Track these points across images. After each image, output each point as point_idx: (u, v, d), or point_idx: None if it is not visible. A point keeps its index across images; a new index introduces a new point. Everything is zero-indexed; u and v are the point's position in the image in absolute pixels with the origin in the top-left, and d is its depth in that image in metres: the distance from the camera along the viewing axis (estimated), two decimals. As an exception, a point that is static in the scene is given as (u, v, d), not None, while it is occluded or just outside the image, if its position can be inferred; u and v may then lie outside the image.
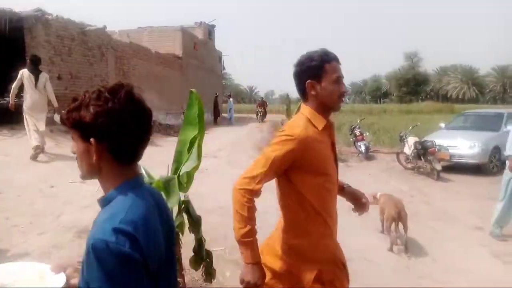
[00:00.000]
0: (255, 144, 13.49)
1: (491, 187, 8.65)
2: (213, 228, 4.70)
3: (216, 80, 29.22)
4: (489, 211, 6.65)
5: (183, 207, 3.01)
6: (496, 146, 10.13)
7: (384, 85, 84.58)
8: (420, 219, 6.18)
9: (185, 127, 3.07)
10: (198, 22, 25.50)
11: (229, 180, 7.81)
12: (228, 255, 4.16)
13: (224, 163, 9.50)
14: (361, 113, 36.10)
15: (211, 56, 27.47)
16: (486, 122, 11.41)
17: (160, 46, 20.33)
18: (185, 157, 2.97)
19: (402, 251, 4.68)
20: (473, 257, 4.61)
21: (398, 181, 9.31)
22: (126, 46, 14.98)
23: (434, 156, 9.37)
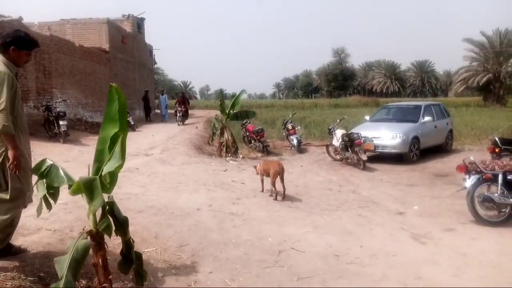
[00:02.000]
0: (190, 141, 13.28)
1: (411, 174, 9.34)
2: (144, 228, 4.57)
3: (148, 75, 28.30)
4: (410, 197, 7.19)
5: (108, 209, 2.86)
6: (416, 136, 10.91)
7: (315, 80, 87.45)
8: (349, 207, 6.49)
9: (106, 124, 2.90)
10: (126, 15, 24.46)
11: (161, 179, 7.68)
12: (160, 255, 4.04)
13: (157, 161, 9.23)
14: (294, 107, 37.10)
15: (141, 50, 26.54)
16: (406, 114, 12.23)
17: (85, 39, 19.25)
18: (107, 156, 2.81)
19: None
20: (396, 240, 4.92)
21: (328, 172, 9.69)
22: (46, 39, 13.93)
23: (360, 147, 9.87)
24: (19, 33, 3.29)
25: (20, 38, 3.24)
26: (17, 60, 3.25)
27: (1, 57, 3.18)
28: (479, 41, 43.70)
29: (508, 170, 5.63)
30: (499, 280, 3.79)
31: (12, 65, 3.21)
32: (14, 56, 3.22)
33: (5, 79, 3.04)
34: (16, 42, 3.20)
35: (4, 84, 3.02)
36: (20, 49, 3.22)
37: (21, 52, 3.24)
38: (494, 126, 15.97)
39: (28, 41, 3.28)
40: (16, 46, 3.19)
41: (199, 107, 39.85)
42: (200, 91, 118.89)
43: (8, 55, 3.20)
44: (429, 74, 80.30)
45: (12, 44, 3.18)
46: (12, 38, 3.20)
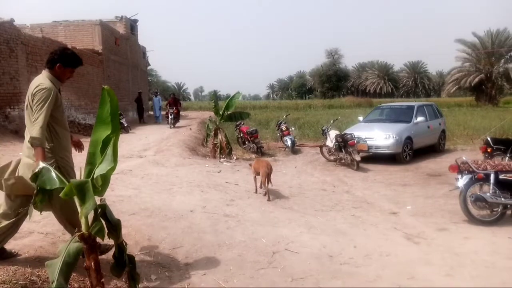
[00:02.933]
0: (184, 142, 13.24)
1: (404, 174, 9.39)
2: (137, 231, 4.54)
3: (141, 77, 28.22)
4: (403, 197, 7.22)
5: (100, 211, 2.84)
6: (409, 136, 10.97)
7: (309, 81, 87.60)
8: (343, 207, 6.51)
9: (98, 126, 2.89)
10: (119, 16, 24.40)
11: (154, 181, 7.64)
12: (153, 257, 4.02)
13: (150, 163, 9.19)
14: (288, 108, 37.17)
15: (134, 52, 26.47)
16: (399, 114, 12.30)
17: (78, 41, 19.19)
18: (98, 159, 2.80)
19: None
20: (390, 240, 4.93)
21: (322, 172, 9.71)
22: (38, 41, 13.85)
23: (353, 148, 9.91)
24: (66, 51, 3.45)
25: (66, 56, 3.40)
26: (61, 76, 3.42)
27: (47, 73, 3.37)
28: (471, 42, 44.11)
29: (500, 169, 5.68)
30: (492, 280, 3.81)
31: (56, 81, 3.38)
32: (59, 73, 3.39)
33: (50, 95, 3.20)
34: (63, 60, 3.37)
35: (48, 99, 3.18)
36: (65, 66, 3.38)
37: (66, 69, 3.40)
38: (486, 126, 16.12)
39: (74, 60, 3.44)
40: (62, 63, 3.36)
41: (193, 109, 39.83)
42: (194, 93, 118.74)
43: (54, 71, 3.37)
44: (422, 75, 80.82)
45: (58, 61, 3.35)
46: (59, 56, 3.37)
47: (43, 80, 3.30)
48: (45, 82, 3.26)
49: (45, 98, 3.17)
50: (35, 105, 3.15)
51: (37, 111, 3.14)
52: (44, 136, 3.15)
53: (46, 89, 3.21)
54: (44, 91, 3.19)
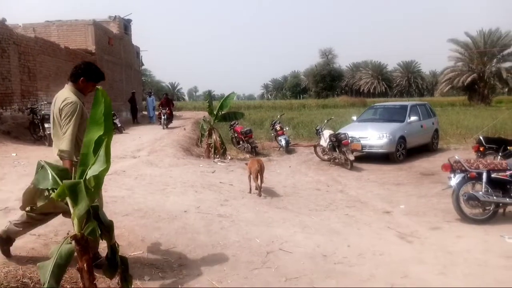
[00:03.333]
0: (178, 142, 13.20)
1: (398, 174, 9.44)
2: (130, 232, 4.52)
3: (135, 77, 28.12)
4: (396, 196, 7.26)
5: (92, 213, 2.83)
6: (402, 136, 11.02)
7: (303, 81, 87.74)
8: (337, 207, 6.52)
9: (91, 127, 2.87)
10: (113, 16, 24.29)
11: (148, 181, 7.61)
12: (146, 258, 4.00)
13: (144, 163, 9.15)
14: (282, 108, 37.21)
15: (128, 52, 26.37)
16: (392, 114, 12.36)
17: (71, 41, 19.09)
18: (91, 160, 2.78)
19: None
20: (383, 239, 4.95)
21: (316, 172, 9.73)
22: (31, 41, 13.75)
23: (347, 147, 9.94)
24: (90, 66, 3.55)
25: (90, 70, 3.50)
26: (84, 90, 3.52)
27: (70, 86, 3.47)
28: (464, 42, 44.44)
29: (492, 168, 5.72)
30: (484, 278, 3.84)
31: (80, 94, 3.48)
32: (82, 86, 3.49)
33: (76, 108, 3.30)
34: (86, 74, 3.48)
35: (75, 113, 3.29)
36: (88, 80, 3.48)
37: (89, 83, 3.50)
38: (479, 125, 16.24)
39: (97, 74, 3.55)
40: (85, 77, 3.47)
41: (187, 109, 39.74)
42: (188, 93, 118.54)
43: (78, 84, 3.47)
44: (415, 74, 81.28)
45: (82, 75, 3.46)
46: (83, 70, 3.48)
47: (68, 94, 3.39)
48: (70, 96, 3.35)
49: (72, 112, 3.27)
50: (63, 119, 3.27)
51: (65, 125, 3.26)
52: (72, 149, 3.24)
53: (73, 103, 3.30)
54: (71, 105, 3.28)
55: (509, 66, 42.66)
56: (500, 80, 42.27)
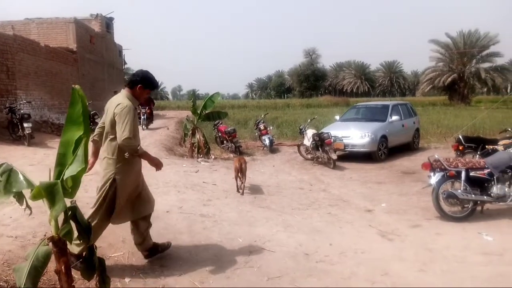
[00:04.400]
0: (161, 142, 13.09)
1: (379, 172, 9.55)
2: (110, 233, 4.45)
3: (117, 76, 27.77)
4: (378, 195, 7.34)
5: (70, 214, 2.78)
6: (384, 135, 11.16)
7: (287, 80, 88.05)
8: (319, 206, 6.56)
9: (68, 127, 2.83)
10: (94, 14, 23.94)
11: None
12: (127, 260, 3.96)
13: (126, 163, 9.04)
14: (266, 108, 37.24)
15: (110, 50, 26.02)
16: (374, 113, 12.50)
17: (52, 39, 18.74)
18: (69, 160, 2.73)
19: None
20: (365, 237, 5.00)
21: (300, 171, 9.78)
22: (9, 38, 13.43)
23: (330, 147, 10.01)
24: (148, 75, 3.77)
25: (147, 79, 3.73)
26: (139, 96, 3.75)
27: (126, 92, 3.71)
28: (445, 42, 45.24)
29: (471, 167, 5.83)
30: (462, 275, 3.91)
31: (134, 100, 3.69)
32: (139, 93, 3.72)
33: (129, 111, 3.51)
34: (144, 82, 3.71)
35: (128, 115, 3.48)
36: (145, 88, 3.71)
37: (144, 90, 3.73)
38: (459, 124, 16.55)
39: (153, 83, 3.79)
40: (143, 85, 3.70)
41: (171, 108, 39.40)
42: (172, 92, 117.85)
43: (134, 91, 3.71)
44: (397, 74, 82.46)
45: (140, 83, 3.69)
46: (141, 78, 3.71)
47: (123, 99, 3.61)
48: (124, 101, 3.57)
49: (128, 113, 3.48)
50: (121, 122, 3.46)
51: (124, 126, 3.45)
52: (133, 143, 3.48)
53: (127, 106, 3.52)
54: (126, 108, 3.50)
55: (487, 67, 43.62)
56: (479, 80, 43.16)
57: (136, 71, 3.82)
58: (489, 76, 42.44)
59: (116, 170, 3.58)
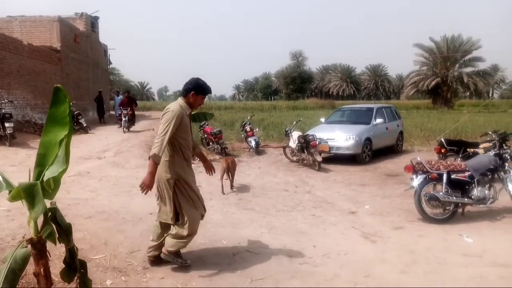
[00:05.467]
0: (145, 143, 12.97)
1: (363, 174, 9.64)
2: (92, 235, 4.41)
3: (102, 75, 27.47)
4: (362, 196, 7.40)
5: (50, 215, 2.73)
6: (368, 137, 11.27)
7: (274, 83, 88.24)
8: (304, 207, 6.59)
9: (50, 127, 2.78)
10: (79, 13, 23.65)
11: (113, 183, 7.47)
12: (109, 262, 3.91)
13: (109, 164, 8.95)
14: (253, 109, 37.26)
15: (95, 50, 25.74)
16: (359, 116, 12.61)
17: (35, 38, 18.45)
18: (49, 161, 2.69)
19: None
20: (348, 239, 5.04)
21: (285, 173, 9.80)
22: (-10, 36, 13.19)
23: (315, 149, 10.06)
24: (200, 82, 3.92)
25: (199, 85, 3.88)
26: (193, 103, 3.90)
27: (180, 100, 3.88)
28: (428, 47, 46.00)
29: (452, 169, 5.93)
30: (443, 276, 3.97)
31: (187, 107, 3.86)
32: (192, 100, 3.87)
33: (174, 116, 3.64)
34: (195, 89, 3.85)
35: (171, 120, 3.62)
36: (197, 94, 3.85)
37: (198, 96, 3.87)
38: (442, 127, 16.81)
39: (205, 89, 3.92)
40: (195, 91, 3.84)
41: (157, 109, 39.14)
42: (158, 92, 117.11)
43: (187, 98, 3.86)
44: (382, 78, 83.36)
45: (192, 90, 3.84)
46: (193, 86, 3.86)
47: (173, 105, 3.80)
48: (172, 106, 3.75)
49: (170, 119, 3.62)
50: (161, 124, 3.65)
51: (161, 130, 3.61)
52: (160, 152, 3.56)
53: (172, 111, 3.68)
54: (169, 113, 3.67)
55: (470, 71, 44.49)
56: (462, 84, 43.97)
57: (189, 80, 3.96)
58: (472, 81, 43.28)
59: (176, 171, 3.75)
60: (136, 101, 19.69)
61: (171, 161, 3.75)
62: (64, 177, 2.73)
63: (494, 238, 5.06)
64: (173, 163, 3.75)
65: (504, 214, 6.03)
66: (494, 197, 5.94)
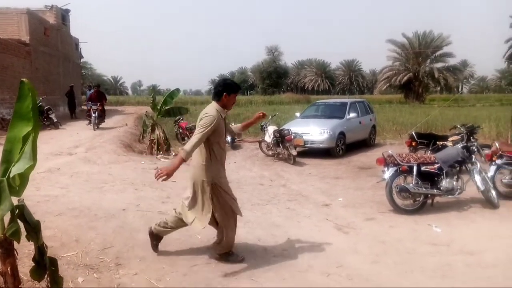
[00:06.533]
0: (119, 138, 12.76)
1: (337, 168, 9.79)
2: (63, 232, 4.32)
3: (73, 70, 26.78)
4: (335, 189, 7.52)
5: (17, 213, 2.66)
6: (342, 131, 11.44)
7: (250, 77, 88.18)
8: (279, 201, 6.64)
9: (16, 122, 2.70)
10: (49, 6, 22.96)
11: (84, 179, 7.31)
12: (81, 259, 3.84)
13: (81, 160, 8.76)
14: (229, 104, 37.14)
15: (66, 43, 25.08)
16: (333, 110, 12.79)
17: (1, 31, 17.84)
18: (16, 157, 2.61)
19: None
20: (322, 231, 5.12)
21: (261, 167, 9.84)
22: (-48, 28, 12.63)
23: (290, 143, 10.15)
24: (228, 81, 4.01)
25: (229, 85, 3.93)
26: (227, 104, 3.93)
27: (215, 104, 3.89)
28: (401, 42, 46.99)
29: (422, 162, 6.10)
30: (412, 265, 4.08)
31: (222, 109, 3.89)
32: (226, 101, 3.90)
33: (212, 122, 3.69)
34: (226, 89, 3.87)
35: (208, 125, 3.67)
36: (230, 94, 3.87)
37: (231, 96, 3.89)
38: (413, 121, 17.21)
39: (235, 86, 3.98)
40: (227, 92, 3.86)
41: (130, 103, 38.54)
42: (132, 87, 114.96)
43: (222, 101, 3.88)
44: (356, 73, 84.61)
45: (223, 91, 3.86)
46: (223, 87, 3.88)
47: (210, 109, 3.81)
48: (210, 111, 3.78)
49: (207, 124, 3.67)
50: (198, 127, 3.70)
51: (197, 132, 3.67)
52: (192, 152, 3.65)
53: (211, 116, 3.72)
54: (208, 117, 3.71)
55: (441, 67, 45.76)
56: (433, 79, 45.20)
57: (216, 82, 4.02)
58: (442, 76, 44.53)
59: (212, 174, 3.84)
60: (105, 96, 18.42)
61: (207, 165, 3.81)
62: (34, 174, 2.67)
63: (461, 228, 5.26)
64: (210, 166, 3.82)
65: (471, 204, 6.25)
66: (461, 188, 6.15)
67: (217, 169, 3.90)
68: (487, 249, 4.46)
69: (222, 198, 3.91)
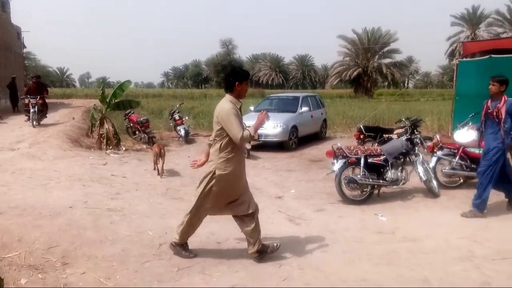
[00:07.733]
0: (65, 133, 12.18)
1: (290, 161, 9.97)
2: (4, 232, 4.12)
3: (15, 60, 25.20)
4: (288, 182, 7.67)
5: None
6: (294, 125, 11.65)
7: (204, 70, 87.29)
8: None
9: None
10: (-14, -9, 21.40)
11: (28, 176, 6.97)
12: (24, 260, 3.67)
13: (24, 156, 8.30)
14: (183, 97, 36.62)
15: (7, 32, 23.48)
16: (286, 104, 12.98)
17: None
18: None
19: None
20: (275, 223, 5.21)
21: (214, 162, 9.80)
22: None
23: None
24: (235, 70, 3.95)
25: (237, 73, 3.83)
26: (241, 93, 3.85)
27: (228, 96, 3.81)
28: (351, 38, 48.39)
29: (369, 154, 6.36)
30: (359, 253, 4.26)
31: (236, 101, 3.81)
32: (239, 91, 3.82)
33: (232, 112, 3.67)
34: (238, 78, 3.79)
35: (231, 115, 3.65)
36: (242, 82, 3.77)
37: (243, 84, 3.80)
38: (362, 115, 17.83)
39: (245, 73, 3.89)
40: (239, 81, 3.76)
41: (78, 96, 36.95)
42: (79, 79, 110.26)
43: (234, 92, 3.80)
44: (309, 68, 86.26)
45: (236, 81, 3.76)
46: (234, 76, 3.80)
47: (225, 103, 3.76)
48: (225, 105, 3.74)
49: (230, 115, 3.64)
50: (228, 125, 3.66)
51: (230, 126, 3.65)
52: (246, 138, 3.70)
53: (227, 109, 3.69)
54: (225, 111, 3.68)
55: (388, 62, 47.71)
56: (381, 75, 47.06)
57: (225, 73, 3.98)
58: (389, 71, 46.45)
59: (218, 165, 3.80)
60: (47, 88, 16.53)
61: (231, 157, 3.80)
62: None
63: (405, 216, 5.55)
64: (233, 158, 3.82)
65: (414, 194, 6.61)
66: (405, 178, 6.49)
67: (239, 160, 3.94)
68: (428, 236, 4.74)
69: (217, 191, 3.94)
